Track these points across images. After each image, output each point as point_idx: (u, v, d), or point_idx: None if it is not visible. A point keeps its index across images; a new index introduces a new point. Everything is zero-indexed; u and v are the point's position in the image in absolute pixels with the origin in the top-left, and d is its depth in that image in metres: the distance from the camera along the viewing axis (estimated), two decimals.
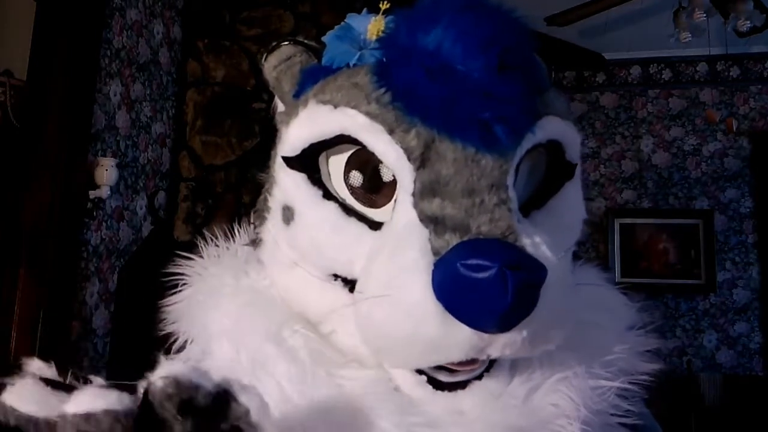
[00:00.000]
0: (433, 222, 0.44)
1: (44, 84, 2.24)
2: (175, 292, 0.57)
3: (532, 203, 0.51)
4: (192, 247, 0.60)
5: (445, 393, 0.47)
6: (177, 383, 0.31)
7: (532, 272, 0.41)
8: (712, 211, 3.80)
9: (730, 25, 2.73)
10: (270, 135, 0.58)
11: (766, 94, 3.87)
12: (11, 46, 2.44)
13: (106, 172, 2.35)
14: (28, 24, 2.29)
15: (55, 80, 2.24)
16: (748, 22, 2.65)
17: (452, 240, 0.43)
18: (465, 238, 0.43)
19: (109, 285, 2.51)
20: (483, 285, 0.39)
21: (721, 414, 3.47)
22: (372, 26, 0.51)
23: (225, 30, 3.04)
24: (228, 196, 2.93)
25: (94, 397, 0.31)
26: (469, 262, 0.40)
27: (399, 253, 0.44)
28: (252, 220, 0.59)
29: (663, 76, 3.99)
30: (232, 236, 0.61)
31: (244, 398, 0.33)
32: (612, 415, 0.51)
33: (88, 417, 0.30)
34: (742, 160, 3.83)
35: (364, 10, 0.54)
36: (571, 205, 0.53)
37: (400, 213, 0.46)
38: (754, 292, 3.70)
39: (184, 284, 0.58)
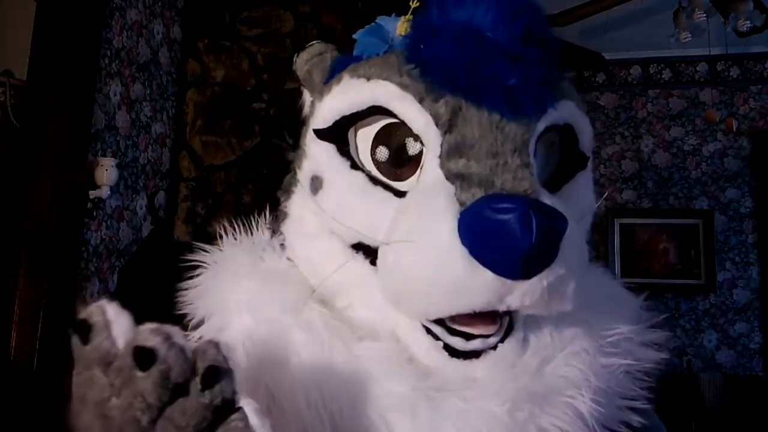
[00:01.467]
0: (459, 178, 0.46)
1: (44, 84, 2.23)
2: (193, 276, 0.58)
3: (548, 187, 0.52)
4: (193, 248, 0.61)
5: (460, 361, 0.48)
6: (218, 348, 0.32)
7: (555, 219, 0.43)
8: (712, 211, 3.80)
9: (730, 25, 2.73)
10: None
11: (766, 94, 3.87)
12: (11, 46, 2.44)
13: (106, 172, 2.34)
14: (28, 24, 2.29)
15: (55, 80, 2.23)
16: (748, 22, 2.65)
17: (477, 193, 0.45)
18: (489, 193, 0.44)
19: (109, 285, 2.51)
20: (508, 225, 0.41)
21: (721, 414, 3.47)
22: (401, 24, 0.54)
23: (225, 30, 3.04)
24: (228, 196, 2.93)
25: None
26: (496, 205, 0.42)
27: (426, 204, 0.46)
28: (277, 196, 0.61)
29: (663, 76, 3.99)
30: (249, 230, 0.62)
31: (248, 410, 0.33)
32: (621, 398, 0.52)
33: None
34: (742, 160, 3.83)
35: (393, 14, 0.57)
36: (583, 193, 0.57)
37: (427, 173, 0.48)
38: (754, 292, 3.70)
39: (202, 270, 0.58)
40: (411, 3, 0.54)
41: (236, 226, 0.62)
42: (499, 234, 0.41)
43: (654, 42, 3.69)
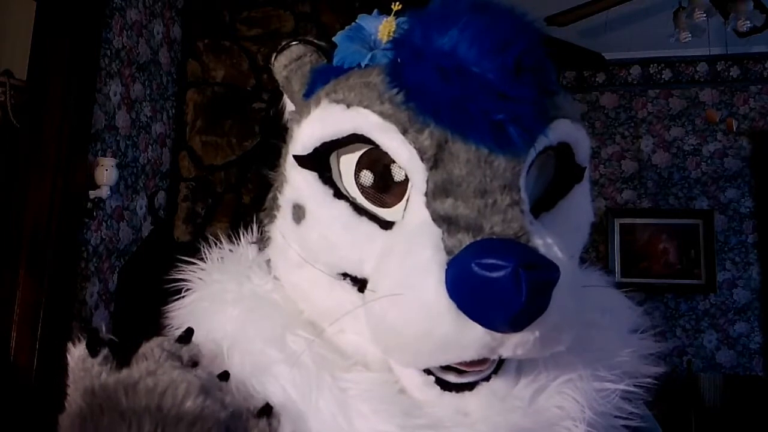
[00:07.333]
0: (446, 222, 0.44)
1: (44, 84, 2.23)
2: (178, 298, 0.57)
3: (541, 205, 0.51)
4: (193, 248, 0.60)
5: (452, 394, 0.47)
6: None
7: (546, 272, 0.41)
8: (712, 211, 3.80)
9: (730, 25, 2.73)
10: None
11: (766, 94, 3.87)
12: (11, 46, 2.44)
13: (106, 172, 2.34)
14: (28, 24, 2.29)
15: (55, 80, 2.23)
16: (748, 22, 2.65)
17: (465, 240, 0.43)
18: (478, 238, 0.43)
19: (109, 285, 2.51)
20: (497, 284, 0.39)
21: (721, 414, 3.47)
22: (383, 27, 0.51)
23: (225, 30, 3.04)
24: (228, 196, 2.93)
25: None
26: (483, 261, 0.40)
27: (412, 252, 0.44)
28: (260, 218, 0.59)
29: (663, 76, 3.99)
30: (236, 238, 0.61)
31: None
32: (616, 417, 0.51)
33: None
34: (742, 160, 3.83)
35: (375, 11, 0.54)
36: (579, 207, 0.54)
37: (413, 212, 0.46)
38: (754, 292, 3.70)
39: (187, 290, 0.57)
40: (393, 6, 0.52)
41: (224, 238, 0.60)
42: (487, 293, 0.40)
43: (654, 42, 3.69)
